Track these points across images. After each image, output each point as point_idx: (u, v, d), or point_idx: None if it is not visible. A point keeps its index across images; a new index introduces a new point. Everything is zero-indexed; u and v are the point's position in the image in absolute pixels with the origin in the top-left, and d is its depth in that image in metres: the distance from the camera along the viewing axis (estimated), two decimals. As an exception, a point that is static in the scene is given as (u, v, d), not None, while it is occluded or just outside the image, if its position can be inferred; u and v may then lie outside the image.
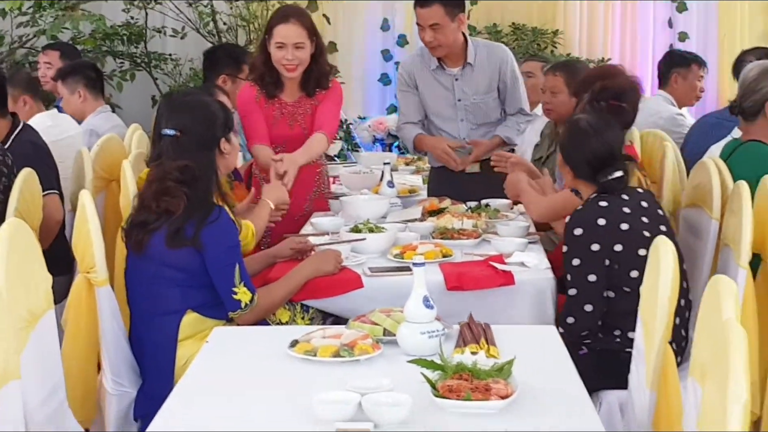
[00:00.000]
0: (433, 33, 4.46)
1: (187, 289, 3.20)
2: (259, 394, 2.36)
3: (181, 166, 3.20)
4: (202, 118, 3.32)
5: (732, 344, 1.75)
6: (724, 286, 2.05)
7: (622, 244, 3.18)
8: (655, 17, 7.87)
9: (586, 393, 2.33)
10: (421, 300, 2.60)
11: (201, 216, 3.15)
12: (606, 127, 3.41)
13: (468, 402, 2.17)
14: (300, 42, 4.27)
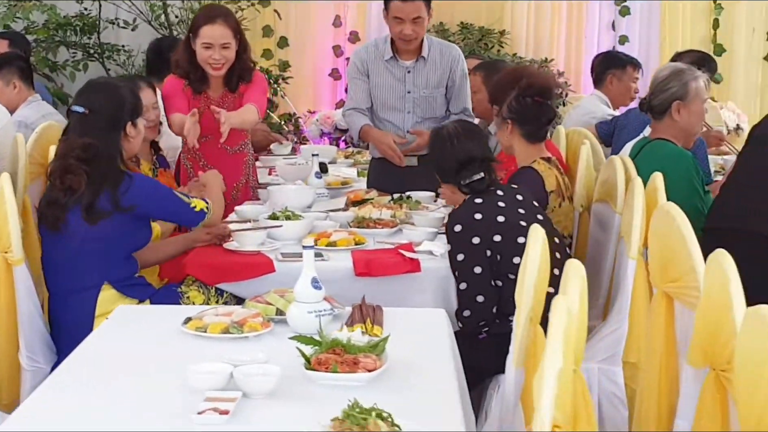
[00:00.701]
0: (414, 26, 4.53)
1: (105, 261, 3.37)
2: (144, 367, 2.47)
3: (85, 144, 3.38)
4: (111, 99, 3.51)
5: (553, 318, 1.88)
6: (574, 270, 2.19)
7: (501, 235, 3.32)
8: (600, 19, 8.03)
9: (453, 371, 2.46)
10: (310, 281, 2.72)
11: (113, 186, 3.34)
12: (466, 134, 3.56)
13: (334, 374, 2.30)
14: (226, 42, 4.36)
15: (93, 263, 3.37)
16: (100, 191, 3.33)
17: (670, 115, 4.03)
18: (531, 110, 3.87)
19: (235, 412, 2.14)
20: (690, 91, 4.01)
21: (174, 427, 2.10)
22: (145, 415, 2.16)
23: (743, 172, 3.80)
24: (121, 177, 3.37)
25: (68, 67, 7.62)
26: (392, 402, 2.11)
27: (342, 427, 1.95)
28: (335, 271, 3.44)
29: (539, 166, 3.83)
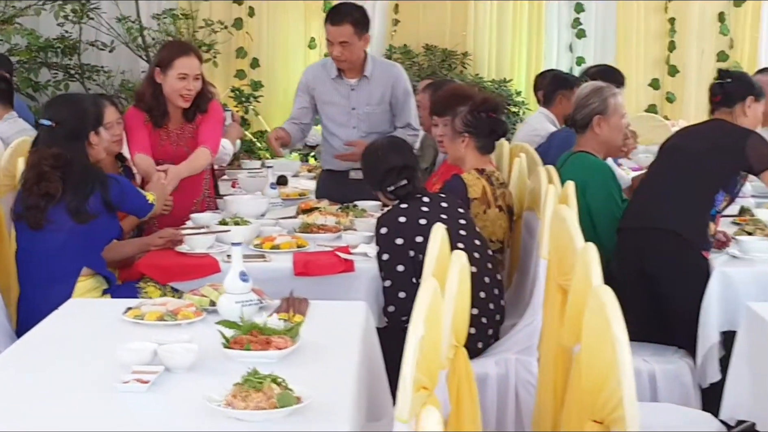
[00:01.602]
0: (341, 49, 4.89)
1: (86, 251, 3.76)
2: (82, 349, 2.78)
3: (55, 153, 3.73)
4: (75, 112, 3.87)
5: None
6: (456, 258, 2.51)
7: (422, 236, 3.63)
8: (558, 41, 8.40)
9: (356, 353, 2.74)
10: (238, 275, 3.02)
11: (103, 188, 3.74)
12: (391, 147, 3.97)
13: (247, 351, 2.60)
14: (198, 74, 4.60)
15: (75, 254, 3.73)
16: (88, 194, 3.71)
17: (592, 128, 4.35)
18: (486, 124, 4.21)
19: (156, 383, 2.44)
20: (609, 106, 4.34)
21: (100, 395, 2.40)
22: (77, 388, 2.46)
23: (651, 178, 4.15)
24: (108, 180, 3.78)
25: (50, 87, 7.99)
26: (296, 375, 2.41)
27: (240, 391, 2.25)
28: (276, 270, 3.76)
29: (467, 176, 4.14)
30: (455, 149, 4.24)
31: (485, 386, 3.69)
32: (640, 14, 8.38)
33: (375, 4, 8.44)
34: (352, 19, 4.87)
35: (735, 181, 4.01)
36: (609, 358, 2.14)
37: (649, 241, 3.97)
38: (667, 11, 8.37)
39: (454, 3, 8.42)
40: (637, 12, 8.38)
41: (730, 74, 4.18)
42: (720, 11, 8.38)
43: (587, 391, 2.26)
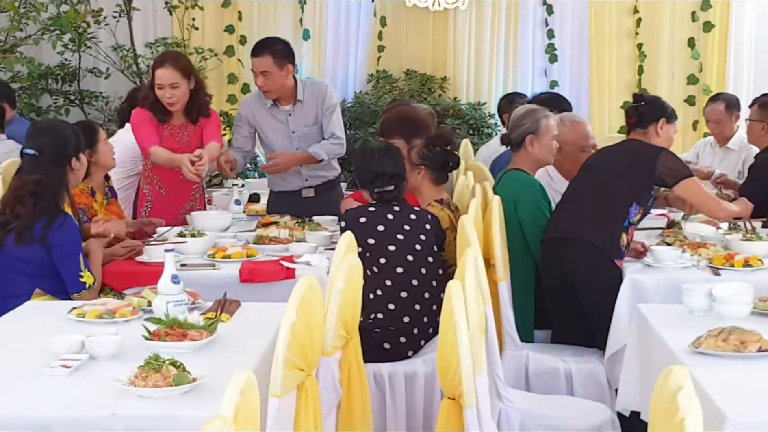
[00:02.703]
0: (264, 78, 5.25)
1: (35, 278, 3.96)
2: (24, 342, 3.14)
3: (35, 180, 4.00)
4: (57, 140, 4.15)
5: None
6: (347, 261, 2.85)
7: (374, 239, 4.04)
8: (533, 66, 8.76)
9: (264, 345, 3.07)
10: (170, 278, 3.37)
11: (48, 220, 3.93)
12: (386, 152, 4.34)
13: (163, 342, 2.95)
14: (174, 82, 5.10)
15: (22, 277, 3.95)
16: (37, 220, 3.93)
17: (525, 147, 4.69)
18: (440, 157, 4.56)
19: (80, 369, 2.80)
20: (541, 127, 4.67)
21: (28, 379, 2.75)
22: (10, 373, 2.81)
23: (570, 192, 4.49)
24: (57, 214, 3.95)
25: (51, 112, 8.40)
26: (206, 363, 2.76)
27: (142, 372, 2.60)
28: (224, 277, 4.11)
29: (433, 208, 4.47)
30: (411, 179, 4.49)
31: (414, 384, 4.02)
32: (612, 40, 8.73)
33: (359, 32, 8.85)
34: (271, 51, 5.23)
35: (648, 195, 4.33)
36: (453, 342, 2.48)
37: (566, 251, 4.30)
38: (638, 37, 8.71)
39: (436, 30, 8.82)
40: (609, 37, 8.73)
41: (644, 98, 4.52)
42: (690, 36, 8.70)
43: (441, 371, 2.60)
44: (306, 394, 2.60)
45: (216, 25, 8.84)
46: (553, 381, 4.12)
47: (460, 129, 8.16)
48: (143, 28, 8.66)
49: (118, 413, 2.48)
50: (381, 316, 4.02)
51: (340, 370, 2.96)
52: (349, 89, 8.87)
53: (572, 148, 4.92)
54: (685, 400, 1.76)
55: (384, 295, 4.05)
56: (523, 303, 4.47)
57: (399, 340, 4.01)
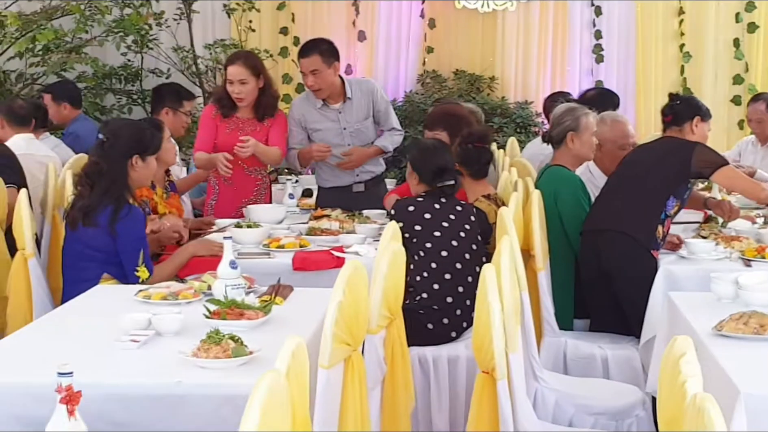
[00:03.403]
0: (314, 78, 5.51)
1: (103, 264, 4.23)
2: (96, 320, 3.42)
3: (94, 161, 4.25)
4: (130, 134, 4.35)
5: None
6: (390, 247, 3.09)
7: (421, 226, 4.30)
8: (580, 66, 8.94)
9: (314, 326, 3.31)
10: (229, 263, 3.64)
11: (114, 208, 4.16)
12: (443, 148, 4.61)
13: (222, 320, 3.22)
14: (243, 78, 5.46)
15: (92, 263, 4.22)
16: (101, 204, 4.13)
17: (566, 144, 4.89)
18: (473, 154, 4.79)
19: (147, 343, 3.07)
20: (581, 124, 4.88)
21: (101, 352, 3.02)
22: (85, 347, 3.09)
23: (609, 187, 4.68)
24: (122, 203, 4.16)
25: (114, 111, 8.74)
26: (261, 339, 3.01)
27: (204, 345, 2.86)
28: (278, 266, 4.37)
29: (480, 204, 4.69)
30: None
31: (456, 366, 4.25)
32: (658, 41, 8.88)
33: (410, 33, 9.09)
34: (318, 51, 5.49)
35: (684, 188, 4.52)
36: (486, 320, 2.71)
37: (604, 242, 4.50)
38: (683, 38, 8.86)
39: (485, 31, 9.04)
40: (655, 38, 8.88)
41: (679, 97, 4.71)
42: (735, 37, 8.83)
43: (476, 347, 2.83)
44: (352, 367, 2.83)
45: (271, 27, 9.14)
46: (589, 366, 4.32)
47: (507, 127, 8.37)
48: (202, 30, 8.98)
49: (182, 381, 2.73)
50: (425, 295, 4.27)
51: (385, 348, 3.19)
52: (400, 89, 9.11)
53: (612, 146, 5.11)
54: (686, 365, 1.97)
55: (429, 277, 4.29)
56: (563, 293, 4.69)
57: (442, 321, 4.24)
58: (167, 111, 6.15)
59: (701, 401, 1.71)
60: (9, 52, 8.27)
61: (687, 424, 1.84)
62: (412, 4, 9.09)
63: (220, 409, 2.66)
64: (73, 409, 2.21)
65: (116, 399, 2.69)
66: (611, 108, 5.95)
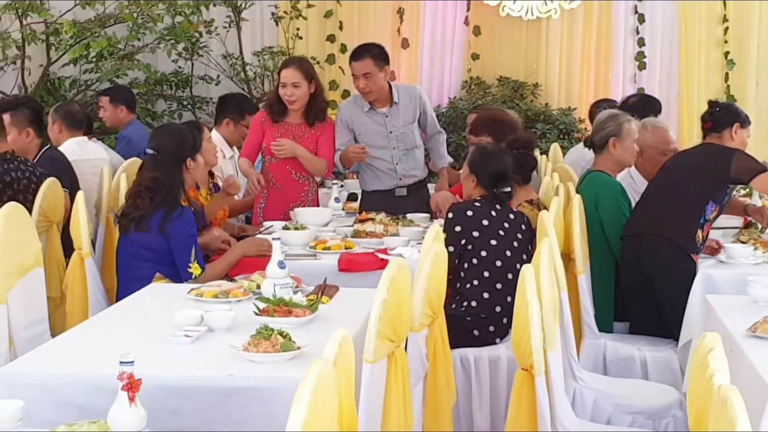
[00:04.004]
0: (365, 80, 5.65)
1: (156, 264, 4.41)
2: (151, 316, 3.57)
3: (153, 177, 4.47)
4: (174, 141, 4.59)
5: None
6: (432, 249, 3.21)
7: (479, 232, 4.37)
8: (624, 73, 9.01)
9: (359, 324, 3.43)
10: (277, 263, 3.78)
11: (166, 212, 4.37)
12: (503, 154, 4.64)
13: (271, 317, 3.35)
14: (296, 81, 5.62)
15: (144, 263, 4.42)
16: (155, 211, 4.37)
17: (608, 149, 4.98)
18: (518, 160, 4.88)
19: (200, 339, 3.21)
20: (623, 130, 4.97)
21: (156, 346, 3.17)
22: (141, 341, 3.23)
23: (649, 191, 4.77)
24: (175, 206, 4.39)
25: (165, 116, 8.96)
26: (308, 335, 3.14)
27: (254, 340, 2.99)
28: (324, 267, 4.51)
29: (524, 209, 4.79)
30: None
31: (497, 367, 4.35)
32: (701, 47, 8.93)
33: (454, 40, 9.22)
34: (371, 54, 5.66)
35: (723, 193, 4.59)
36: (525, 318, 2.82)
37: (644, 246, 4.59)
38: (726, 45, 8.90)
39: (528, 38, 9.15)
40: (698, 45, 8.93)
41: (718, 104, 4.78)
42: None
43: (515, 345, 2.93)
44: (395, 363, 2.95)
45: (318, 35, 9.32)
46: (628, 367, 4.41)
47: (550, 133, 8.46)
48: (251, 38, 9.19)
49: (234, 374, 2.87)
50: (475, 303, 4.35)
51: (427, 346, 3.31)
52: (444, 95, 9.23)
53: (653, 152, 5.19)
54: (714, 360, 2.06)
55: (480, 285, 4.36)
56: (603, 296, 4.77)
57: (488, 328, 4.33)
58: (228, 122, 6.32)
59: (725, 391, 1.81)
60: (63, 59, 8.52)
61: (713, 416, 1.93)
62: (457, 12, 9.22)
63: (269, 401, 2.80)
64: (133, 396, 2.36)
65: (172, 389, 2.83)
66: (653, 114, 6.04)
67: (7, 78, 8.56)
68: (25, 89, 8.43)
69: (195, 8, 8.52)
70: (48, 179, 5.09)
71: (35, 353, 3.13)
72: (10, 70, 8.52)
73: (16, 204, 3.95)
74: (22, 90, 8.44)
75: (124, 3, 8.23)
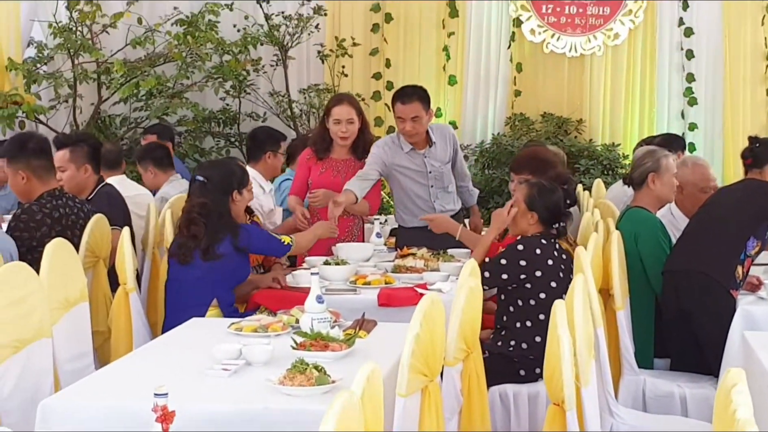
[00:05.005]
0: (413, 124, 5.65)
1: (216, 286, 4.62)
2: (192, 349, 3.63)
3: (201, 203, 4.65)
4: (223, 172, 4.80)
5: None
6: (467, 283, 3.25)
7: (542, 272, 4.37)
8: (669, 109, 9.01)
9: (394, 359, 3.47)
10: (315, 297, 3.83)
11: (231, 235, 4.62)
12: (558, 189, 4.66)
13: (307, 351, 3.40)
14: (351, 118, 5.78)
15: (207, 286, 4.61)
16: (218, 239, 4.58)
17: (647, 185, 4.99)
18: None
19: (238, 372, 3.26)
20: (662, 165, 4.98)
21: (195, 379, 3.23)
22: (181, 373, 3.30)
23: (690, 227, 4.77)
24: (238, 228, 4.66)
25: (213, 152, 9.10)
26: (344, 369, 3.18)
27: (290, 374, 3.04)
28: (364, 301, 4.54)
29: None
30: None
31: (536, 402, 4.36)
32: (746, 83, 8.93)
33: (498, 76, 9.28)
34: (419, 97, 5.66)
35: (765, 229, 4.58)
36: (556, 353, 2.84)
37: (684, 282, 4.58)
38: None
39: (572, 75, 9.19)
40: (743, 81, 8.93)
41: (759, 140, 4.77)
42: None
43: (547, 380, 2.95)
44: (429, 397, 2.98)
45: (364, 72, 9.45)
46: (668, 404, 4.39)
47: (594, 169, 8.47)
48: (297, 75, 9.34)
49: (269, 407, 2.92)
50: (525, 346, 4.36)
51: (462, 380, 3.34)
52: (488, 131, 9.28)
53: (693, 189, 5.19)
54: (737, 395, 2.07)
55: (533, 327, 4.34)
56: (644, 332, 4.76)
57: (534, 370, 4.33)
58: (269, 155, 6.39)
59: (743, 425, 1.82)
60: (114, 98, 8.71)
61: (735, 451, 1.94)
62: (501, 49, 9.29)
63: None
64: (167, 427, 2.41)
65: (207, 422, 2.88)
66: (679, 150, 6.06)
67: (59, 116, 8.78)
68: (77, 127, 8.62)
69: (243, 47, 8.68)
70: (95, 216, 5.20)
71: (77, 386, 3.20)
72: (62, 108, 8.74)
73: (63, 240, 4.06)
74: (73, 128, 8.64)
75: (174, 42, 8.41)
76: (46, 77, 8.47)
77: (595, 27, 9.10)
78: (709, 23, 9.03)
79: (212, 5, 8.67)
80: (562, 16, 9.18)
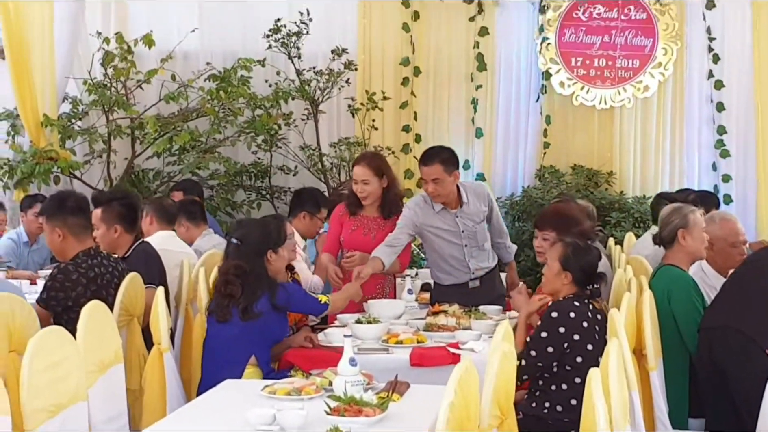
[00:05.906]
0: (434, 185, 5.67)
1: (255, 344, 4.66)
2: (227, 413, 3.66)
3: (237, 265, 4.72)
4: (258, 234, 4.85)
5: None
6: (499, 347, 3.25)
7: (579, 335, 4.34)
8: (699, 161, 9.00)
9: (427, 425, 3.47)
10: (348, 360, 3.85)
11: (269, 294, 4.68)
12: (593, 248, 4.67)
13: (342, 417, 3.41)
14: (366, 179, 5.78)
15: (245, 345, 4.64)
16: (256, 297, 4.63)
17: (678, 242, 4.98)
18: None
19: (272, 437, 3.29)
20: (690, 221, 4.98)
21: (231, 444, 3.26)
22: (216, 438, 3.34)
23: (726, 285, 4.75)
24: (276, 287, 4.71)
25: (245, 206, 9.18)
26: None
27: (324, 441, 3.06)
28: (396, 361, 4.55)
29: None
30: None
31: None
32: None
33: (528, 129, 9.33)
34: (440, 159, 5.64)
35: (805, 286, 4.56)
36: (592, 422, 2.84)
37: (717, 339, 4.55)
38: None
39: (601, 127, 9.22)
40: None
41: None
42: None
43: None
44: (464, 464, 2.98)
45: (394, 125, 9.52)
46: (705, 466, 4.35)
47: (625, 222, 8.45)
48: (328, 129, 9.44)
49: (303, 474, 2.93)
50: (560, 408, 4.32)
51: (496, 448, 3.33)
52: (518, 183, 9.30)
53: (723, 244, 5.19)
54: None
55: (569, 390, 4.31)
56: (677, 392, 4.73)
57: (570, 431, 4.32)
58: (305, 215, 6.45)
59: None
60: (147, 152, 8.81)
61: None
62: (530, 101, 9.34)
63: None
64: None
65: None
66: (714, 208, 6.05)
67: (93, 171, 8.89)
68: (111, 181, 8.72)
69: (274, 102, 8.77)
70: (130, 274, 5.25)
71: (114, 452, 3.23)
72: (96, 163, 8.85)
73: (98, 303, 4.11)
74: (107, 182, 8.74)
75: (206, 98, 8.51)
76: (80, 133, 8.59)
77: (624, 80, 9.15)
78: (739, 75, 9.04)
79: (244, 61, 8.78)
80: (592, 68, 9.24)
